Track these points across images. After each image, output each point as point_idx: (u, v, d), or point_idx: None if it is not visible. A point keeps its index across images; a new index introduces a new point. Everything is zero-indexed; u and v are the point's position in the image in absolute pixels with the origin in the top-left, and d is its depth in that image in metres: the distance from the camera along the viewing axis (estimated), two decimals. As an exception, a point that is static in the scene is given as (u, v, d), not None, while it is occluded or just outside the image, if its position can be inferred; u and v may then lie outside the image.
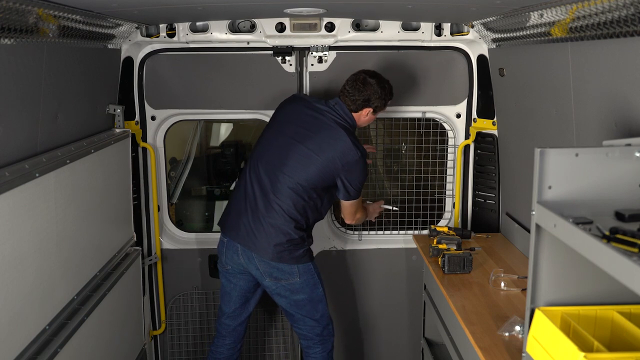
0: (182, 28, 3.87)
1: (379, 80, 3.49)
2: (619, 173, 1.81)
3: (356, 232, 4.39)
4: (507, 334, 2.61)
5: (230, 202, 3.68)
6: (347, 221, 3.77)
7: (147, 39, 3.88)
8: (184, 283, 4.37)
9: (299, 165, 3.42)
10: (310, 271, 3.57)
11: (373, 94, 3.46)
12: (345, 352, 4.56)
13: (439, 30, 3.91)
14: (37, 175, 2.58)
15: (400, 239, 4.38)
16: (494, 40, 3.66)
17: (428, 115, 4.20)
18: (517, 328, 2.61)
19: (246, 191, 3.54)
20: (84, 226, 3.16)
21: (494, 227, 4.13)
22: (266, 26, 3.87)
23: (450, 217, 4.36)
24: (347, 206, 3.64)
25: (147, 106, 4.08)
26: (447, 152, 4.29)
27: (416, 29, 3.91)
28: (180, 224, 4.69)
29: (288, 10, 3.43)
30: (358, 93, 3.45)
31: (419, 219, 4.36)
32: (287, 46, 3.95)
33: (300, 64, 4.05)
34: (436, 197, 4.36)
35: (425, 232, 4.20)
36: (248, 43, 3.94)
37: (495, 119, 3.99)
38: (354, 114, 3.51)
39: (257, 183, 3.50)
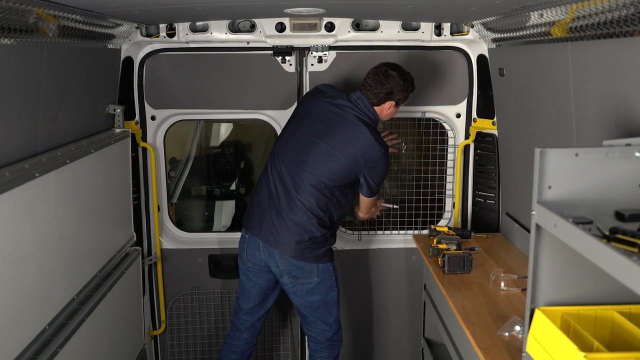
0: (182, 28, 3.87)
1: (400, 73, 3.46)
2: (619, 173, 1.80)
3: (356, 232, 4.39)
4: (507, 334, 2.61)
5: (252, 199, 3.68)
6: (362, 215, 3.74)
7: (147, 39, 3.88)
8: (184, 283, 4.37)
9: (321, 163, 3.41)
10: (329, 272, 3.56)
11: (395, 86, 3.43)
12: (345, 352, 4.56)
13: (439, 30, 3.91)
14: (37, 175, 2.58)
15: (400, 239, 4.38)
16: (494, 40, 3.66)
17: (428, 115, 4.20)
18: (517, 328, 2.61)
19: (269, 188, 3.53)
20: (84, 226, 3.16)
21: (494, 227, 4.13)
22: (266, 26, 3.87)
23: (450, 217, 4.36)
24: (367, 202, 3.63)
25: (147, 106, 4.08)
26: (447, 152, 4.29)
27: (416, 29, 3.91)
28: (180, 224, 4.69)
29: (288, 10, 3.43)
30: (380, 86, 3.42)
31: (419, 219, 4.36)
32: (287, 46, 3.95)
33: (300, 63, 4.05)
34: (436, 197, 4.36)
35: (425, 232, 4.19)
36: (248, 43, 3.94)
37: (495, 119, 3.99)
38: (376, 108, 3.48)
39: (279, 180, 3.49)
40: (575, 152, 1.80)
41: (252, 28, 3.92)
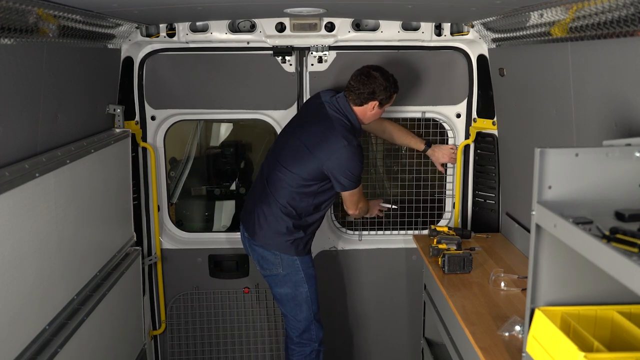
0: (182, 28, 3.87)
1: (382, 73, 3.53)
2: (619, 173, 1.80)
3: (356, 232, 4.39)
4: (507, 334, 2.61)
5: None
6: (350, 212, 3.74)
7: (147, 39, 3.88)
8: (184, 283, 4.37)
9: (291, 157, 3.54)
10: (295, 266, 3.62)
11: (378, 86, 3.49)
12: (345, 352, 4.56)
13: (439, 30, 3.91)
14: (37, 175, 2.58)
15: (400, 239, 4.38)
16: (494, 40, 3.66)
17: (428, 115, 4.20)
18: (517, 328, 2.61)
19: (255, 182, 3.82)
20: (84, 226, 3.16)
21: (494, 227, 4.12)
22: (266, 26, 3.87)
23: (450, 217, 4.36)
24: (346, 196, 3.64)
25: (147, 106, 4.08)
26: (447, 152, 4.28)
27: (416, 29, 3.91)
28: (180, 224, 4.69)
29: (288, 10, 3.43)
30: (363, 86, 3.49)
31: (419, 219, 4.36)
32: (287, 46, 3.95)
33: (300, 63, 4.05)
34: (436, 197, 4.36)
35: (425, 232, 4.19)
36: (248, 43, 3.94)
37: (495, 119, 3.99)
38: (359, 109, 3.55)
39: (260, 174, 3.73)
40: (575, 152, 1.80)
41: (252, 28, 3.92)
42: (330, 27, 3.89)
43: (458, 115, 4.17)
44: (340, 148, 3.41)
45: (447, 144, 4.25)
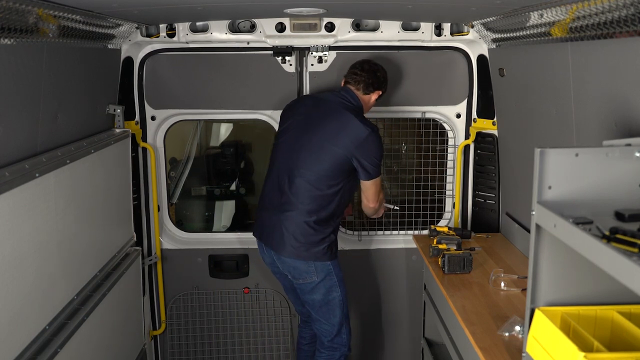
0: (182, 28, 3.87)
1: (382, 66, 3.66)
2: (619, 173, 1.80)
3: (356, 232, 4.39)
4: (507, 334, 2.61)
5: (258, 206, 3.76)
6: (371, 206, 3.62)
7: (147, 39, 3.88)
8: (184, 283, 4.37)
9: (312, 157, 3.42)
10: (329, 271, 3.54)
11: (383, 75, 3.62)
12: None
13: (439, 30, 3.91)
14: (37, 175, 2.58)
15: (400, 239, 4.38)
16: (494, 40, 3.66)
17: (428, 115, 4.20)
18: (517, 328, 2.61)
19: (267, 191, 3.61)
20: (84, 226, 3.16)
21: (494, 227, 4.12)
22: (266, 26, 3.87)
23: (450, 217, 4.36)
24: (370, 187, 3.53)
25: (147, 106, 4.08)
26: (447, 152, 4.29)
27: (416, 29, 3.91)
28: (180, 224, 4.69)
29: (288, 10, 3.43)
30: (372, 75, 3.56)
31: (419, 219, 4.36)
32: (287, 46, 3.95)
33: (300, 64, 4.05)
34: (436, 197, 4.35)
35: (425, 232, 4.19)
36: (248, 43, 3.94)
37: (495, 119, 3.99)
38: (365, 97, 3.58)
39: (275, 182, 3.55)
40: (575, 152, 1.80)
41: (252, 28, 3.92)
42: (330, 27, 3.89)
43: (458, 116, 4.17)
44: (367, 135, 3.38)
45: (447, 144, 4.26)
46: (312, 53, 4.00)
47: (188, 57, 4.02)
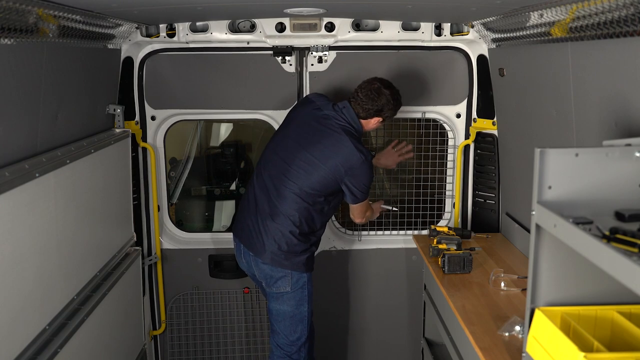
0: (182, 28, 3.87)
1: (392, 92, 3.48)
2: (619, 173, 1.80)
3: (356, 232, 4.39)
4: (507, 334, 2.61)
5: (239, 206, 3.73)
6: (357, 221, 3.72)
7: (147, 39, 3.88)
8: (184, 283, 4.37)
9: (303, 172, 3.42)
10: (303, 283, 3.53)
11: (386, 104, 3.45)
12: (346, 352, 4.56)
13: (439, 30, 3.91)
14: (37, 175, 2.58)
15: (400, 239, 4.38)
16: (494, 40, 3.66)
17: (428, 115, 4.20)
18: (517, 328, 2.61)
19: (253, 194, 3.57)
20: (84, 226, 3.16)
21: (494, 227, 4.12)
22: (266, 26, 3.87)
23: (450, 217, 4.36)
24: (356, 208, 3.60)
25: (147, 106, 4.08)
26: (447, 152, 4.29)
27: (416, 29, 3.91)
28: (180, 224, 4.69)
29: (288, 10, 3.43)
30: (371, 102, 3.43)
31: (419, 219, 4.36)
32: (287, 46, 3.95)
33: (300, 64, 4.05)
34: (436, 197, 4.36)
35: (425, 232, 4.19)
36: (248, 43, 3.94)
37: (495, 119, 3.99)
38: (362, 121, 3.50)
39: (262, 187, 3.52)
40: (575, 152, 1.80)
41: (252, 28, 3.92)
42: (330, 27, 3.89)
43: (458, 116, 4.17)
44: (360, 163, 3.36)
45: (447, 144, 4.26)
46: (312, 53, 4.00)
47: (188, 57, 4.02)
